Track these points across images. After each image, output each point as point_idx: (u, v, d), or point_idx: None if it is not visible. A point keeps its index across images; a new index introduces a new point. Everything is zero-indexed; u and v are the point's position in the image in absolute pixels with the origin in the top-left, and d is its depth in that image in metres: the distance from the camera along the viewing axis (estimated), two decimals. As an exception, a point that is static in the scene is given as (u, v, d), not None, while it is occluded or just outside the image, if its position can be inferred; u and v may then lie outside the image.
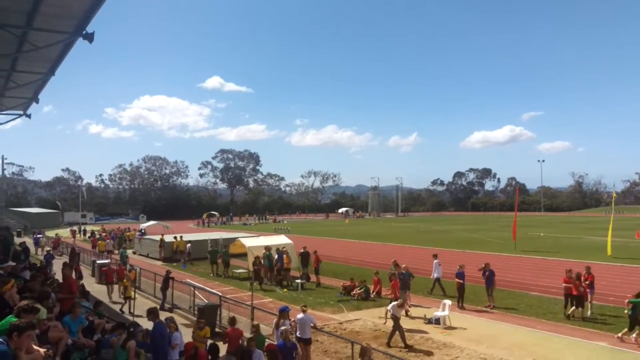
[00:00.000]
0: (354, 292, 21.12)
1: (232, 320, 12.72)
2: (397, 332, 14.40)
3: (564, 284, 17.73)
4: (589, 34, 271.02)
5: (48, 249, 40.62)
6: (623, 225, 58.04)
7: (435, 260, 22.30)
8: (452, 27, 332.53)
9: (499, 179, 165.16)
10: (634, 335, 14.24)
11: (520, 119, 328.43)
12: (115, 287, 22.96)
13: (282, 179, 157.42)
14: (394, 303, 15.19)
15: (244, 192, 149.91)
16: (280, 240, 29.54)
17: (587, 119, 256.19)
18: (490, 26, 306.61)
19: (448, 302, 17.35)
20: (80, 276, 23.73)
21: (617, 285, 22.84)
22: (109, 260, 29.29)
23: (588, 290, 17.48)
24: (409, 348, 13.97)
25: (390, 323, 14.81)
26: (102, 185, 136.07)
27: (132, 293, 19.72)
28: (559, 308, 18.20)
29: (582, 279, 17.46)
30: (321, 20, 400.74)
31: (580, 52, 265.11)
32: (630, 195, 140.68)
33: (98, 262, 28.14)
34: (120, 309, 19.76)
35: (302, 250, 25.96)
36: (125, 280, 21.16)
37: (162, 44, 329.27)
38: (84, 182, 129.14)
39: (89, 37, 11.09)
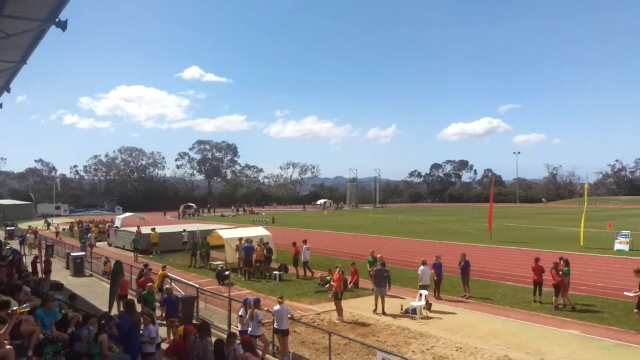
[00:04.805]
0: (331, 282, 21.13)
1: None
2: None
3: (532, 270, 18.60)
4: (565, 28, 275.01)
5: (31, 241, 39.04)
6: (595, 217, 59.27)
7: (305, 246, 24.90)
8: (431, 20, 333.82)
9: (475, 171, 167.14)
10: None
11: (498, 111, 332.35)
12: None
13: (261, 170, 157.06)
14: None
15: (221, 184, 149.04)
16: (259, 232, 29.41)
17: (562, 112, 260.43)
18: (468, 19, 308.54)
19: (424, 292, 17.51)
20: (49, 269, 23.11)
21: (589, 274, 23.34)
22: (84, 254, 28.90)
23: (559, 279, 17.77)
24: None
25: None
26: (77, 177, 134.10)
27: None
28: (533, 298, 18.57)
29: (559, 268, 17.76)
30: (301, 12, 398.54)
31: (557, 46, 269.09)
32: (603, 187, 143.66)
33: (73, 254, 27.72)
34: None
35: (246, 245, 25.27)
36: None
37: (140, 33, 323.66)
38: (58, 173, 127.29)
39: (62, 25, 10.83)
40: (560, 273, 17.55)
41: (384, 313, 17.12)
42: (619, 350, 13.01)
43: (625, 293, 16.13)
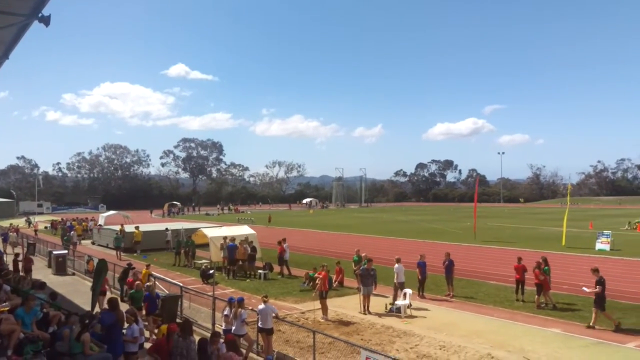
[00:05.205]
0: (316, 281, 21.11)
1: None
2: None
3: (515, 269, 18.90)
4: (549, 30, 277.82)
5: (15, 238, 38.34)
6: (577, 216, 60.02)
7: (285, 244, 25.01)
8: (417, 21, 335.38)
9: (460, 171, 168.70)
10: None
11: (483, 111, 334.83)
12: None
13: (246, 168, 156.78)
14: None
15: (206, 182, 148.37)
16: (243, 230, 29.32)
17: (545, 112, 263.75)
18: (454, 21, 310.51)
19: (409, 291, 17.59)
20: (29, 267, 22.57)
21: (570, 274, 23.61)
22: (67, 252, 28.57)
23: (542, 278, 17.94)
24: None
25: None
26: (60, 174, 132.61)
27: None
28: (516, 296, 18.77)
29: (541, 267, 17.94)
30: (288, 10, 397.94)
31: (542, 47, 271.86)
32: (585, 187, 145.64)
33: (54, 252, 27.39)
34: None
35: (230, 244, 25.05)
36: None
37: (125, 29, 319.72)
38: (41, 170, 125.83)
39: (45, 20, 10.66)
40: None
41: (368, 311, 17.17)
42: (598, 348, 13.19)
43: (583, 288, 16.48)
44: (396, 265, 18.68)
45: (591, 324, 15.01)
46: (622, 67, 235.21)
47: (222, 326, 12.96)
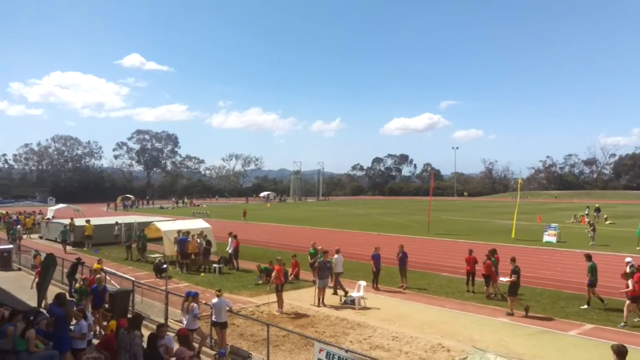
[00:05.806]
0: (272, 274, 21.03)
1: None
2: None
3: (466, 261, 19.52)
4: (501, 32, 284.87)
5: None
6: (527, 210, 62.00)
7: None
8: (375, 18, 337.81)
9: (415, 165, 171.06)
10: None
11: (439, 107, 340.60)
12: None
13: (202, 161, 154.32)
14: None
15: (161, 175, 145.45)
16: (198, 224, 28.93)
17: (499, 109, 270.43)
18: (411, 19, 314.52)
19: (363, 283, 17.78)
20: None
21: (518, 264, 24.34)
22: (12, 246, 27.53)
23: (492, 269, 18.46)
24: None
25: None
26: (6, 166, 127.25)
27: None
28: (466, 287, 19.25)
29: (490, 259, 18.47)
30: (247, 2, 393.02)
31: (496, 48, 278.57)
32: (534, 181, 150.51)
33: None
34: None
35: (181, 237, 24.79)
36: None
37: (76, 16, 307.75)
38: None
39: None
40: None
41: (323, 304, 17.26)
42: (543, 336, 13.71)
43: (501, 279, 17.39)
44: (335, 255, 19.01)
45: (509, 311, 15.91)
46: (571, 67, 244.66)
47: (183, 321, 12.70)
